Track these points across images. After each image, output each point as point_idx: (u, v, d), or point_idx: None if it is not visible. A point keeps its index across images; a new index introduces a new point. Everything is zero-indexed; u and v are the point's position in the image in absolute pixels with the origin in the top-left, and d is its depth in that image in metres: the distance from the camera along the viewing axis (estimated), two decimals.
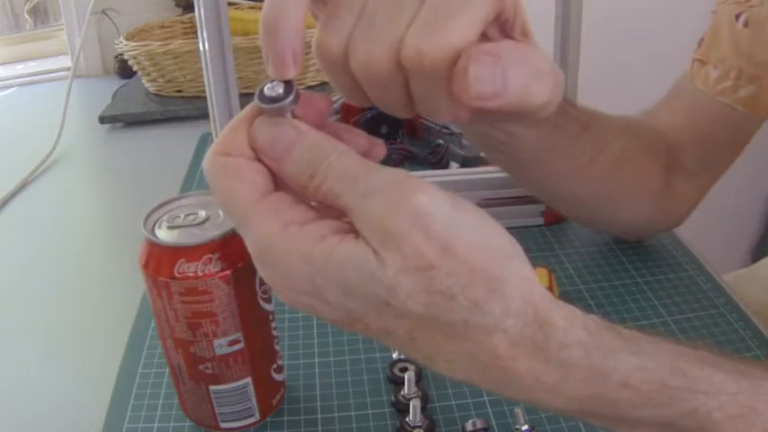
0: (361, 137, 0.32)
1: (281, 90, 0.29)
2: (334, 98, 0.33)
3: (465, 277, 0.26)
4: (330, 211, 0.29)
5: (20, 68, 1.31)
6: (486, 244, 0.27)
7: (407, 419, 0.43)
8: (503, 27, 0.30)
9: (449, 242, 0.26)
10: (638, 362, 0.28)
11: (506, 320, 0.27)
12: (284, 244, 0.27)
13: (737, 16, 0.53)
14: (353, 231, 0.27)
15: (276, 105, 0.29)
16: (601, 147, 0.50)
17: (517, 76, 0.27)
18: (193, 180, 0.78)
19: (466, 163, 0.72)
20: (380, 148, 0.32)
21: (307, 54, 0.29)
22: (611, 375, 0.27)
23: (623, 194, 0.54)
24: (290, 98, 0.29)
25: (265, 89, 0.29)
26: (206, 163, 0.29)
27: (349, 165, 0.28)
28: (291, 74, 0.29)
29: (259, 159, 0.29)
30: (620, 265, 0.59)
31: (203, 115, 0.90)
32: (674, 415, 0.28)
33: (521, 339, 0.27)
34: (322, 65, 0.30)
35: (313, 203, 0.29)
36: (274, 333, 0.44)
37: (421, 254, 0.26)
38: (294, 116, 0.29)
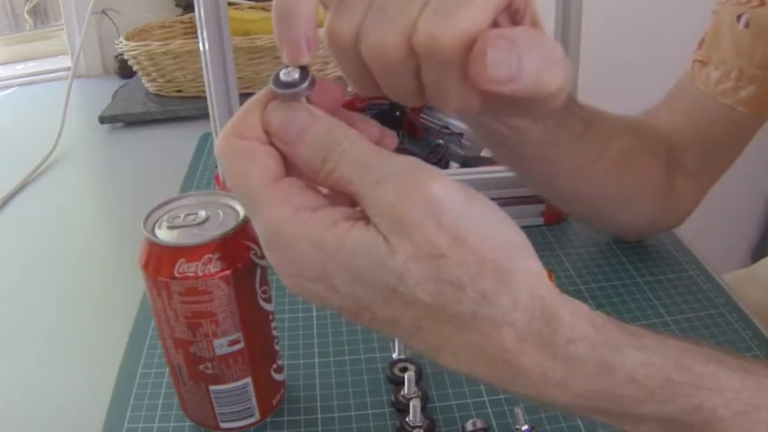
0: (374, 126, 0.31)
1: (296, 75, 0.28)
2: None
3: (474, 268, 0.26)
4: (340, 198, 0.29)
5: (20, 68, 1.31)
6: (497, 236, 0.27)
7: (407, 419, 0.43)
8: (513, 16, 0.31)
9: (460, 232, 0.26)
10: (643, 357, 0.28)
11: (514, 313, 0.27)
12: (295, 229, 0.27)
13: (738, 17, 0.53)
14: (364, 218, 0.27)
15: (291, 91, 0.28)
16: (604, 145, 0.50)
17: (532, 62, 0.26)
18: (193, 180, 0.78)
19: (466, 163, 0.72)
20: (392, 138, 0.32)
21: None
22: (617, 371, 0.27)
23: (625, 194, 0.54)
24: (306, 84, 0.28)
25: (281, 74, 0.29)
26: (218, 145, 0.29)
27: (362, 151, 0.28)
28: (306, 59, 0.28)
29: (271, 143, 0.29)
30: (620, 265, 0.59)
31: (203, 115, 0.90)
32: (678, 411, 0.28)
33: (528, 333, 0.27)
34: (332, 52, 0.30)
35: (324, 191, 0.29)
36: (274, 333, 0.44)
37: (431, 242, 0.26)
38: (309, 102, 0.29)
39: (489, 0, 0.27)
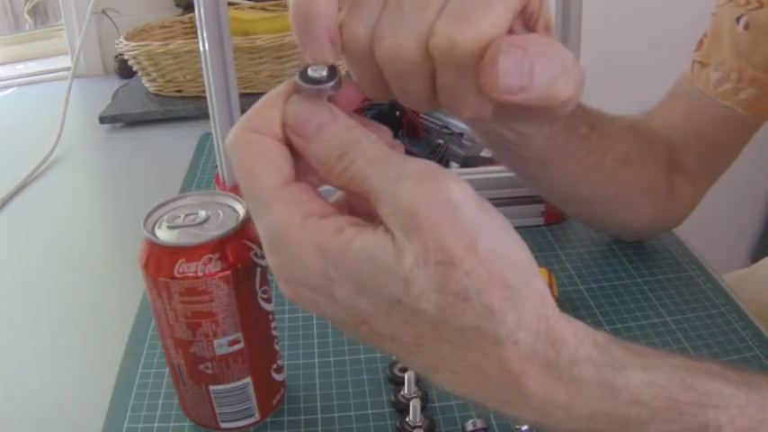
0: (386, 134, 0.31)
1: (324, 73, 0.28)
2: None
3: (483, 281, 0.25)
4: (346, 209, 0.28)
5: (20, 68, 1.31)
6: (508, 252, 0.26)
7: (407, 419, 0.43)
8: (527, 21, 0.30)
9: (473, 240, 0.25)
10: (647, 378, 0.27)
11: (519, 332, 0.26)
12: (301, 235, 0.27)
13: (738, 19, 0.53)
14: (372, 225, 0.27)
15: (317, 87, 0.28)
16: (607, 147, 0.50)
17: (544, 71, 0.26)
18: (193, 180, 0.78)
19: (466, 163, 0.72)
20: (400, 149, 0.31)
21: None
22: (621, 392, 0.27)
23: (627, 195, 0.54)
24: (333, 83, 0.28)
25: (309, 70, 0.28)
26: (232, 135, 0.28)
27: (381, 150, 0.27)
28: (332, 56, 0.28)
29: (287, 143, 0.28)
30: (620, 265, 0.59)
31: (203, 115, 0.90)
32: (684, 430, 0.27)
33: (532, 355, 0.26)
34: (345, 54, 0.29)
35: (335, 196, 0.29)
36: (274, 333, 0.44)
37: (443, 247, 0.25)
38: (330, 101, 0.29)
39: (508, 3, 0.27)
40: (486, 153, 0.71)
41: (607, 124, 0.50)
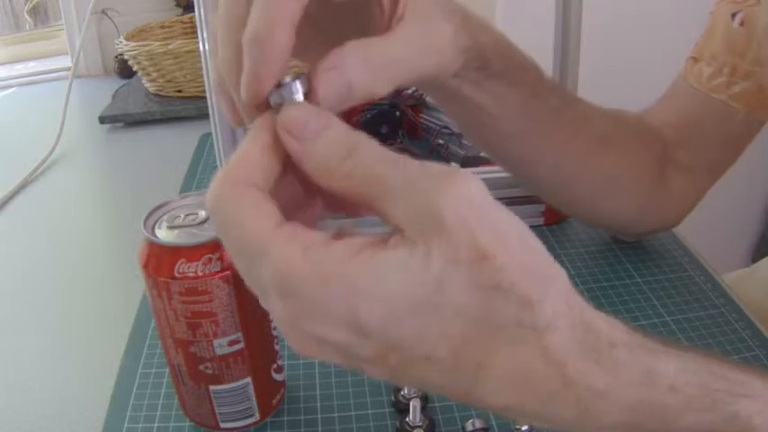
0: None
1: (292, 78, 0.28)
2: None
3: (516, 272, 0.25)
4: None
5: (20, 68, 1.31)
6: (532, 242, 0.26)
7: (407, 419, 0.43)
8: None
9: (501, 234, 0.25)
10: (679, 363, 0.27)
11: (557, 321, 0.25)
12: (308, 267, 0.25)
13: (733, 15, 0.53)
14: (380, 240, 0.25)
15: (288, 82, 0.28)
16: (583, 124, 0.50)
17: (360, 78, 0.30)
18: (193, 180, 0.78)
19: (466, 163, 0.72)
20: None
21: None
22: (659, 377, 0.27)
23: (607, 179, 0.53)
24: (301, 78, 0.28)
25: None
26: (213, 192, 0.27)
27: (387, 151, 0.26)
28: (279, 55, 0.28)
29: (270, 194, 0.27)
30: (620, 265, 0.59)
31: (203, 115, 0.90)
32: (716, 420, 0.27)
33: (572, 342, 0.26)
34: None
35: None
36: (274, 333, 0.44)
37: (473, 243, 0.24)
38: None
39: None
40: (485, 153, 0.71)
41: (585, 105, 0.50)
